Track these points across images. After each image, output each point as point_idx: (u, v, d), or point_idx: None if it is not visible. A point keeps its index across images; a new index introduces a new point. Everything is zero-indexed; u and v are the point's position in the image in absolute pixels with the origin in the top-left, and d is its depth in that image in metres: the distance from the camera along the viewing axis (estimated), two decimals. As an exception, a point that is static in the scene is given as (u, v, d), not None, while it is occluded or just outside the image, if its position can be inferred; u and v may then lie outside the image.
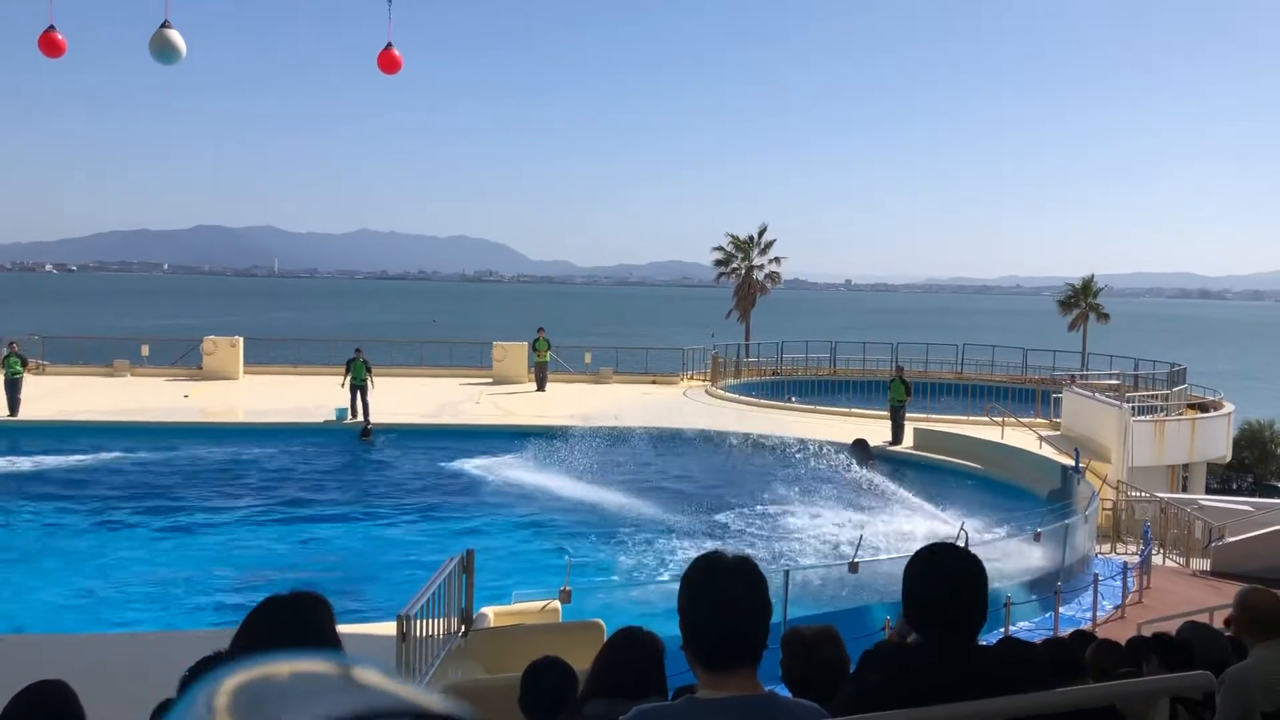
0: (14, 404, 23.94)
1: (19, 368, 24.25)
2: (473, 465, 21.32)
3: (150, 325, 63.27)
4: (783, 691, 3.43)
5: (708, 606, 2.14)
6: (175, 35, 17.13)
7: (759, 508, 18.71)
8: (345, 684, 0.57)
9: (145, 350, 33.91)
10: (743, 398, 30.68)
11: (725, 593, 2.15)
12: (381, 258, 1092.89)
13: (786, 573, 9.98)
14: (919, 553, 2.57)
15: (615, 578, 14.32)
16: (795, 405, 29.58)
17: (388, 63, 16.76)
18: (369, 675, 0.59)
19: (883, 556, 14.56)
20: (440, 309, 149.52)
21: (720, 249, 46.15)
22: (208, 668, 3.09)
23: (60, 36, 17.43)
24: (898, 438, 24.13)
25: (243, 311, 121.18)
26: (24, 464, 20.47)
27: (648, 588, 13.56)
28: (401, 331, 54.56)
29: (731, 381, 33.58)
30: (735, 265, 45.67)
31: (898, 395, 24.42)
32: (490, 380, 32.63)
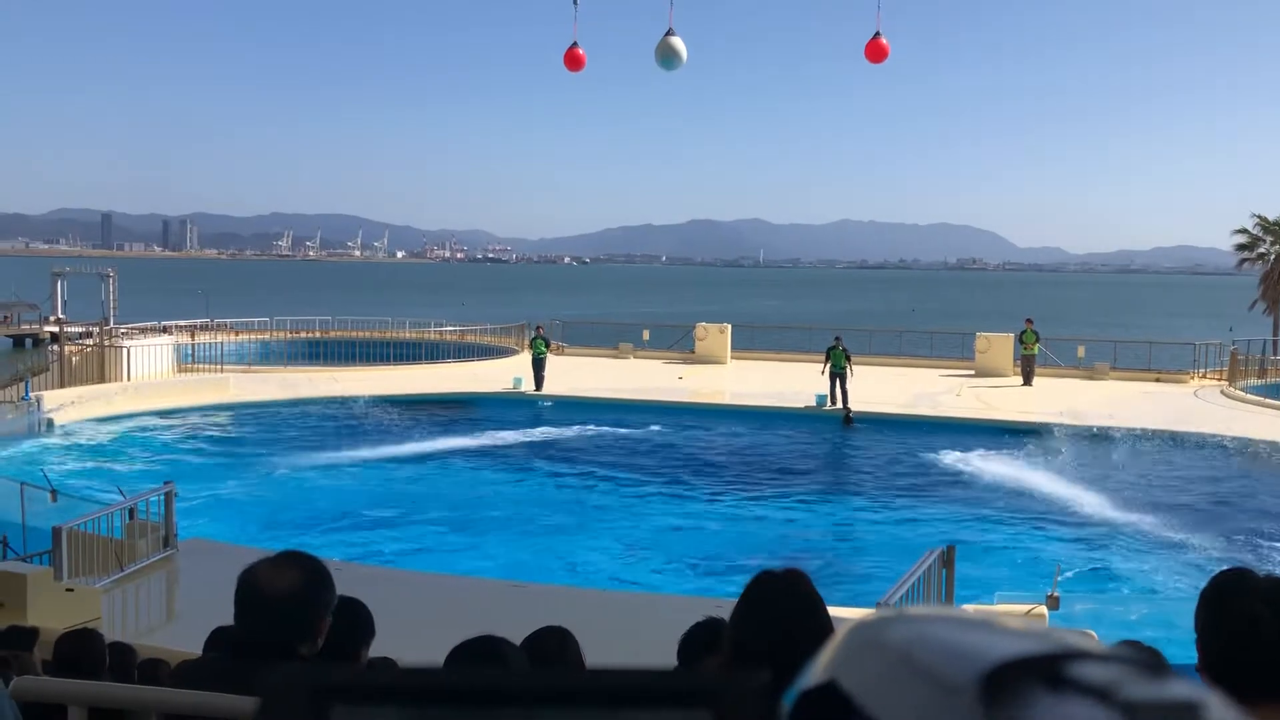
0: (539, 380, 27.27)
1: (544, 348, 27.57)
2: (951, 458, 20.78)
3: (650, 312, 69.11)
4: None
5: (1232, 630, 1.91)
6: (678, 42, 18.48)
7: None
8: (1006, 629, 0.57)
9: (645, 335, 37.08)
10: (1269, 400, 26.91)
11: (1254, 616, 1.90)
12: (861, 247, 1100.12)
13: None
14: None
15: (1108, 588, 13.26)
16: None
17: (875, 52, 16.83)
18: (1018, 621, 0.59)
19: None
20: (920, 298, 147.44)
21: (1244, 231, 40.98)
22: (702, 631, 3.31)
23: (581, 52, 19.51)
24: None
25: (730, 300, 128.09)
26: (546, 433, 23.26)
27: (1143, 603, 12.43)
28: (880, 321, 54.53)
29: (1254, 382, 29.58)
30: (1263, 249, 40.28)
31: None
32: (972, 372, 31.56)
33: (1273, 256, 40.15)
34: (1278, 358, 32.25)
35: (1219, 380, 30.15)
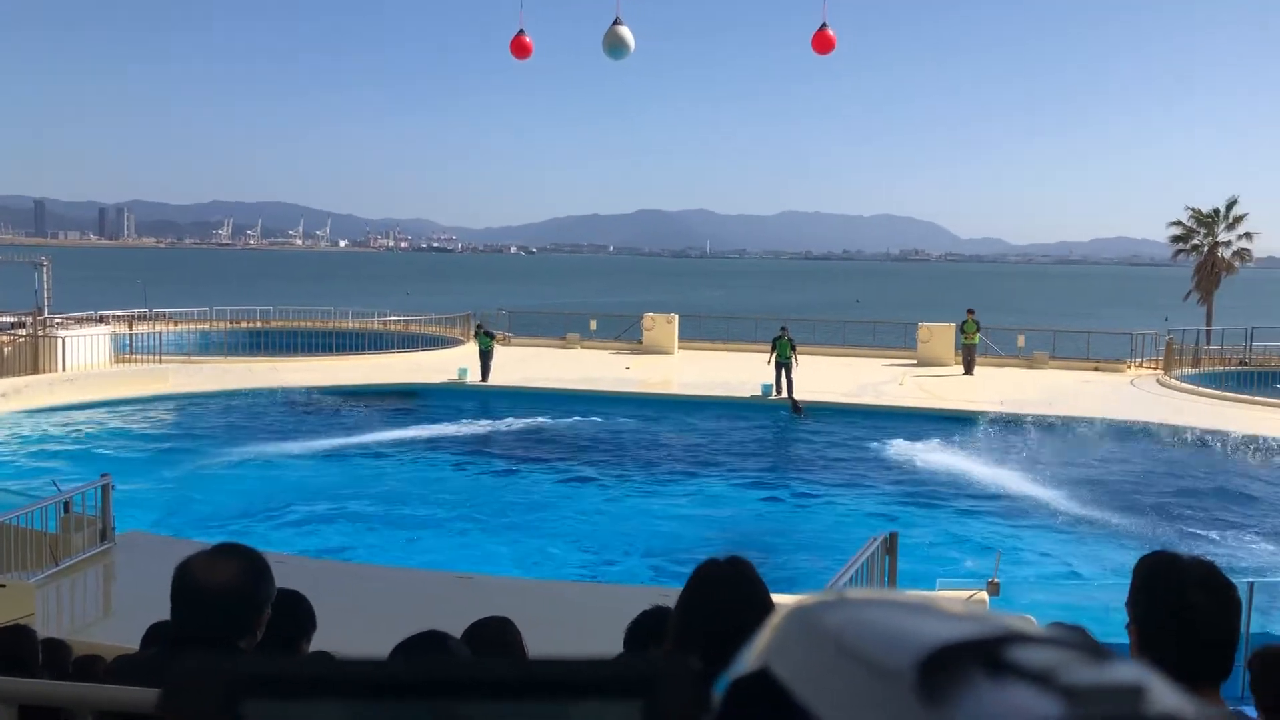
0: (485, 372, 27.14)
1: (489, 341, 27.45)
2: (893, 447, 21.02)
3: (597, 302, 69.01)
4: (1250, 712, 3.07)
5: (1169, 614, 1.95)
6: (625, 32, 18.42)
7: (1212, 513, 16.78)
8: (944, 612, 0.55)
9: (593, 325, 37.03)
10: (1202, 389, 27.60)
11: (1189, 600, 1.94)
12: (806, 238, 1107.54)
13: (1251, 584, 8.89)
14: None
15: (1045, 573, 13.52)
16: (1264, 400, 26.10)
17: (822, 43, 16.92)
18: (957, 605, 0.58)
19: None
20: (864, 289, 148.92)
21: (1179, 224, 41.91)
22: (648, 620, 3.32)
23: (528, 39, 19.39)
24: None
25: (677, 290, 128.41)
26: (492, 424, 23.13)
27: (1083, 587, 12.70)
28: (824, 311, 55.04)
29: (1188, 370, 30.31)
30: (1196, 241, 41.26)
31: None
32: (914, 361, 31.97)
33: (1206, 248, 41.11)
34: (1211, 347, 33.06)
35: (1155, 369, 30.84)
